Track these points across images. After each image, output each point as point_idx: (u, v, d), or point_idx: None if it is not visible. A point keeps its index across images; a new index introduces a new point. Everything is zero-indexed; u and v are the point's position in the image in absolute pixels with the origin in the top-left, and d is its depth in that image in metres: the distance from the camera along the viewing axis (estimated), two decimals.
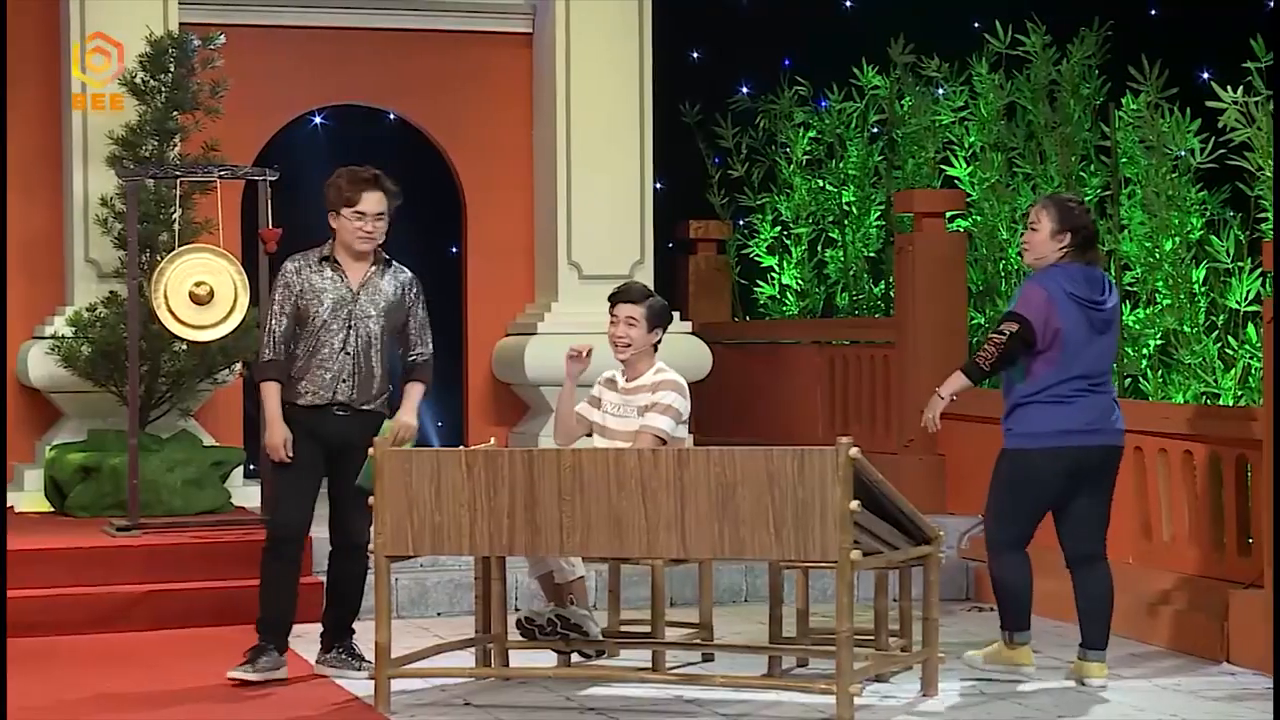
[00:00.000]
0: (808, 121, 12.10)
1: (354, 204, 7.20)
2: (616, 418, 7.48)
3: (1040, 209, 7.13)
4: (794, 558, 6.47)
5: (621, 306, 7.47)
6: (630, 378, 7.52)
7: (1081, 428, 7.03)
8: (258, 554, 7.47)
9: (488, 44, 11.30)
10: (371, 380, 7.24)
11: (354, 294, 7.21)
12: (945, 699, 6.85)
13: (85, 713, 6.74)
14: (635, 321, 7.43)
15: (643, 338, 7.44)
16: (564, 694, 6.93)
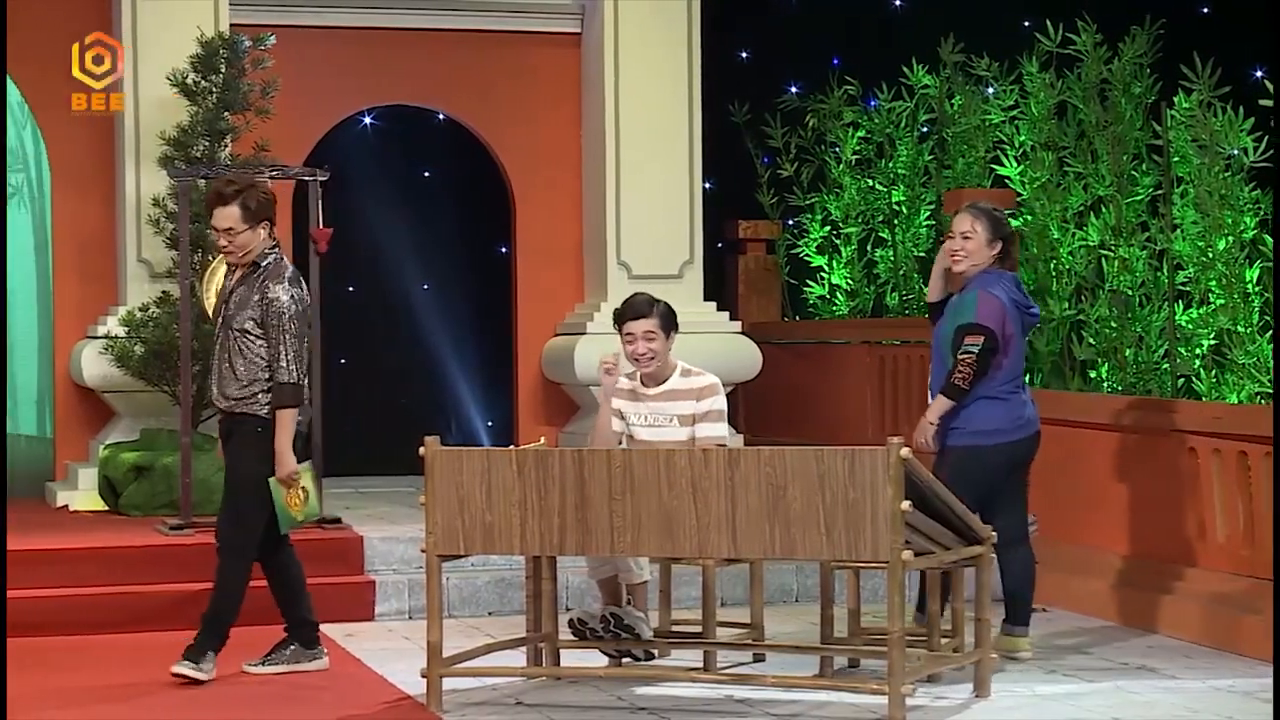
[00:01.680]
0: (857, 121, 12.08)
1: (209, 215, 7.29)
2: (648, 428, 7.40)
3: (973, 218, 7.50)
4: (845, 558, 6.45)
5: (635, 323, 7.37)
6: (654, 384, 7.45)
7: (1020, 423, 7.53)
8: (310, 553, 7.48)
9: (537, 44, 11.32)
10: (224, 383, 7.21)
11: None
12: (998, 700, 6.83)
13: (139, 710, 6.78)
14: (654, 334, 7.37)
15: (663, 346, 7.39)
16: (615, 693, 6.94)
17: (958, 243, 7.50)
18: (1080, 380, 10.50)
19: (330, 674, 7.33)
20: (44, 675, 7.33)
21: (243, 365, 7.16)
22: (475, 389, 12.62)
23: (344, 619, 8.47)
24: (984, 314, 7.33)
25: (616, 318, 7.45)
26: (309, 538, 8.94)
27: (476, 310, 12.47)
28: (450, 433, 12.34)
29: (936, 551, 6.69)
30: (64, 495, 10.22)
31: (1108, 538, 8.91)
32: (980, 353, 7.31)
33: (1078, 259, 10.57)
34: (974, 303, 7.37)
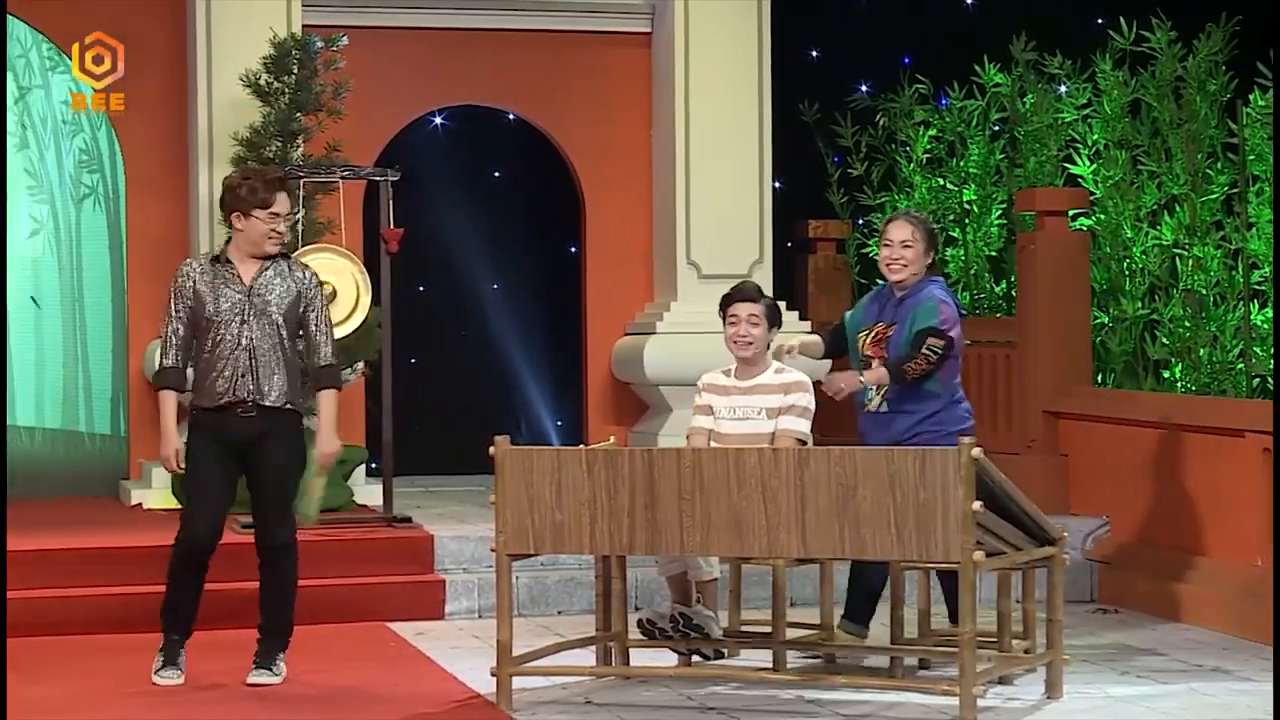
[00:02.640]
0: (928, 120, 12.02)
1: (268, 205, 7.11)
2: (734, 420, 7.42)
3: (913, 227, 7.48)
4: (915, 558, 6.43)
5: (743, 305, 7.43)
6: (746, 377, 7.48)
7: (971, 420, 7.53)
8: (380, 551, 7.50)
9: (607, 44, 11.32)
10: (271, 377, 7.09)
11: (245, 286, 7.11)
12: (1070, 702, 6.78)
13: (215, 708, 6.82)
14: (758, 320, 7.41)
15: (764, 335, 7.43)
16: (685, 693, 6.93)
17: (897, 251, 7.43)
18: (1153, 380, 10.41)
19: (401, 672, 7.36)
20: (115, 672, 7.39)
21: (289, 358, 7.12)
22: (545, 388, 12.64)
23: (414, 618, 8.50)
24: (947, 321, 7.33)
25: (724, 300, 7.49)
26: (380, 535, 8.99)
27: (546, 310, 12.49)
28: (520, 432, 12.36)
29: (1008, 552, 6.65)
30: (138, 494, 10.30)
31: (1181, 539, 8.83)
32: (940, 358, 7.30)
33: (1151, 258, 10.49)
34: (936, 310, 7.34)
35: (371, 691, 7.03)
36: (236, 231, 7.14)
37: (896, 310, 7.46)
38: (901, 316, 7.43)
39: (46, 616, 8.20)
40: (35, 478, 11.05)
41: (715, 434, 7.45)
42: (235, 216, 7.13)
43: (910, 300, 7.44)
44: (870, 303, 7.64)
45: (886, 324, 7.46)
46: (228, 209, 7.16)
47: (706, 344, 8.87)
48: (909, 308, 7.43)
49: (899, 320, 7.43)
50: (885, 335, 7.43)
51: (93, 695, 6.99)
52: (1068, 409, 9.95)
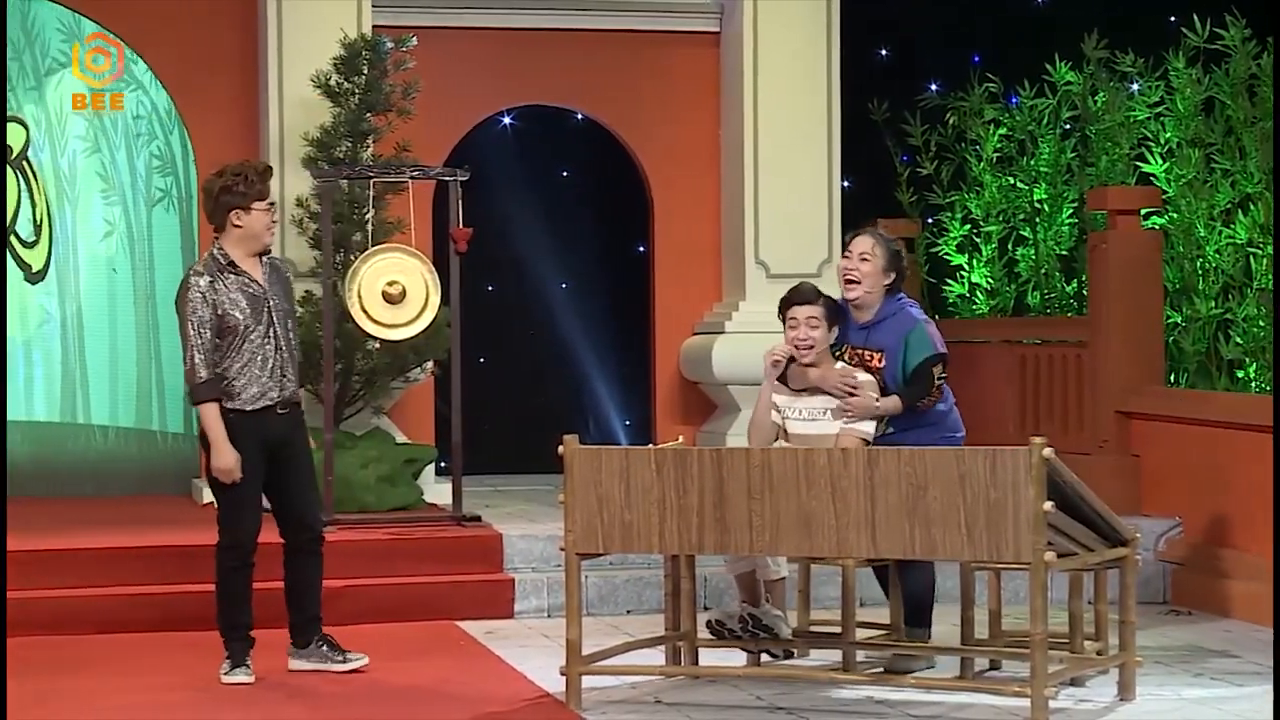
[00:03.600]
0: (998, 118, 11.96)
1: (265, 195, 7.19)
2: (802, 421, 7.39)
3: (874, 241, 7.37)
4: (986, 559, 6.39)
5: (801, 309, 7.36)
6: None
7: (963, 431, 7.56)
8: (449, 550, 7.52)
9: (675, 43, 11.32)
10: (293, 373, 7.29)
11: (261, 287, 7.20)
12: (1143, 704, 6.73)
13: (281, 703, 6.86)
14: (817, 322, 7.35)
15: (824, 337, 7.38)
16: (754, 693, 6.92)
17: (854, 262, 7.32)
18: (1227, 380, 10.32)
19: (471, 671, 7.38)
20: (192, 669, 7.44)
21: (296, 352, 7.33)
22: (613, 388, 12.65)
23: (483, 616, 8.52)
24: (937, 340, 7.34)
25: (782, 304, 7.44)
26: (449, 534, 9.01)
27: (614, 309, 12.50)
28: (588, 431, 12.38)
29: (1079, 553, 6.61)
30: (210, 492, 10.33)
31: (1255, 540, 8.75)
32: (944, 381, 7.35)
33: (1225, 257, 10.40)
34: (926, 336, 7.30)
35: (441, 690, 7.05)
36: (235, 229, 7.17)
37: (869, 335, 7.33)
38: (885, 344, 7.29)
39: (120, 615, 8.26)
40: (109, 476, 11.15)
41: (785, 433, 7.41)
42: (235, 214, 7.16)
43: (887, 325, 7.31)
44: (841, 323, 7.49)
45: (860, 348, 7.35)
46: (225, 209, 7.16)
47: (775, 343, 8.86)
48: (891, 335, 7.29)
49: (885, 349, 7.29)
50: (872, 365, 7.30)
51: (167, 692, 7.04)
52: (1140, 409, 9.88)
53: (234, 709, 6.78)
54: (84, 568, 8.51)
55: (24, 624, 7.98)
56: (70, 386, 11.26)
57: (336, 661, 7.31)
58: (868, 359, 7.34)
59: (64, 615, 8.20)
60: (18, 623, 7.99)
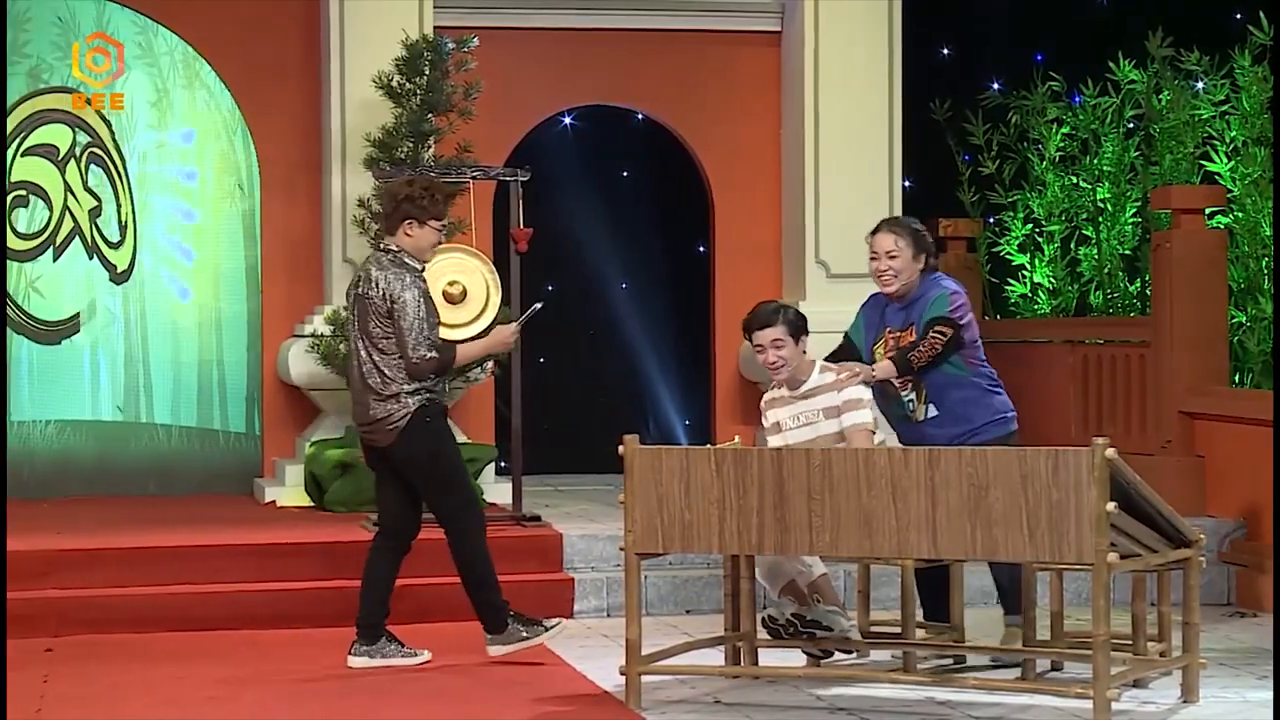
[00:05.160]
0: (1061, 117, 11.89)
1: (442, 217, 7.39)
2: (800, 428, 7.38)
3: (895, 235, 7.37)
4: (1048, 559, 6.35)
5: (762, 333, 7.35)
6: (797, 386, 7.43)
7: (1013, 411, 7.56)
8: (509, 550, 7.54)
9: (736, 43, 11.31)
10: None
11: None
12: (1206, 706, 6.68)
13: (342, 700, 6.89)
14: (781, 342, 7.36)
15: (793, 353, 7.37)
16: (813, 693, 6.90)
17: (883, 263, 7.34)
18: None
19: (530, 669, 7.38)
20: (249, 666, 7.48)
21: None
22: (673, 388, 12.64)
23: (543, 616, 8.52)
24: (958, 310, 7.30)
25: (744, 329, 7.45)
26: (509, 534, 9.03)
27: (675, 309, 12.49)
28: (648, 431, 12.38)
29: (1142, 554, 6.56)
30: (271, 491, 10.42)
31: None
32: (946, 343, 7.26)
33: None
34: (946, 300, 7.31)
35: (501, 689, 7.07)
36: (405, 238, 7.35)
37: (907, 314, 7.38)
38: (916, 319, 7.36)
39: (187, 612, 8.31)
40: (171, 475, 11.23)
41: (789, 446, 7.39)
42: (409, 224, 7.33)
43: (921, 302, 7.37)
44: (870, 311, 7.53)
45: (899, 330, 7.39)
46: (402, 216, 7.34)
47: (835, 344, 8.83)
48: (924, 304, 7.36)
49: (915, 322, 7.36)
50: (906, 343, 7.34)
51: (228, 688, 7.08)
52: (1204, 409, 9.81)
53: (298, 702, 6.81)
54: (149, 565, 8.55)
55: (99, 622, 8.08)
56: (134, 386, 11.34)
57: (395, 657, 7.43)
58: (897, 340, 7.38)
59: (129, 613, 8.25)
60: (89, 621, 8.08)
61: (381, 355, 7.31)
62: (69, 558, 8.49)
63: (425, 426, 7.31)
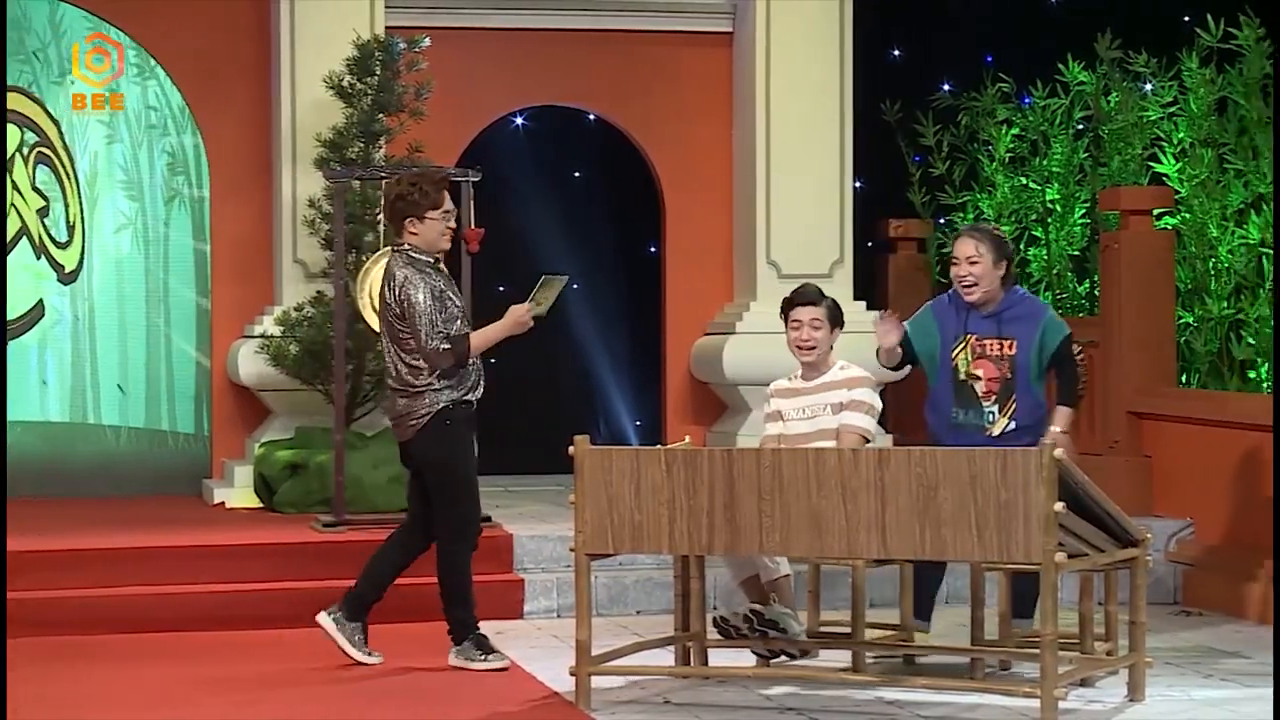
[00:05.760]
0: (1011, 119, 11.94)
1: (440, 204, 7.33)
2: (803, 420, 7.41)
3: (976, 241, 7.41)
4: (996, 559, 6.38)
5: (804, 309, 7.41)
6: (812, 378, 7.46)
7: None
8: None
9: (688, 44, 11.32)
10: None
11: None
12: (1152, 704, 6.72)
13: (290, 703, 6.87)
14: (820, 323, 7.39)
15: (827, 338, 7.41)
16: (762, 693, 6.92)
17: (964, 269, 7.38)
18: (1239, 380, 10.30)
19: (481, 671, 7.36)
20: (199, 668, 7.45)
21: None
22: (624, 388, 12.64)
23: (493, 617, 8.49)
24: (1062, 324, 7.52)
25: (785, 305, 7.47)
26: None
27: (626, 309, 12.49)
28: (599, 432, 12.37)
29: (1090, 554, 6.60)
30: (220, 492, 10.39)
31: (1265, 541, 8.73)
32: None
33: (1237, 257, 10.38)
34: (1061, 325, 7.49)
35: (451, 690, 7.06)
36: (411, 235, 7.36)
37: (998, 325, 7.40)
38: (1018, 333, 7.39)
39: (134, 614, 8.27)
40: (119, 476, 11.18)
41: (786, 439, 7.41)
42: (409, 222, 7.35)
43: (1015, 314, 7.42)
44: (944, 315, 7.52)
45: (989, 338, 7.41)
46: (401, 215, 7.35)
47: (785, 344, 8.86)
48: (1025, 323, 7.40)
49: (1018, 336, 7.39)
50: (1005, 353, 7.39)
51: (176, 691, 7.05)
52: (1151, 410, 9.87)
53: (242, 706, 6.79)
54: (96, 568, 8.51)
55: (48, 624, 8.06)
56: (81, 387, 11.29)
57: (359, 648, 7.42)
58: (997, 348, 7.41)
59: (79, 615, 8.21)
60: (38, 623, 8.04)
61: (406, 354, 7.33)
62: (17, 560, 8.41)
63: (445, 429, 7.31)
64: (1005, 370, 7.38)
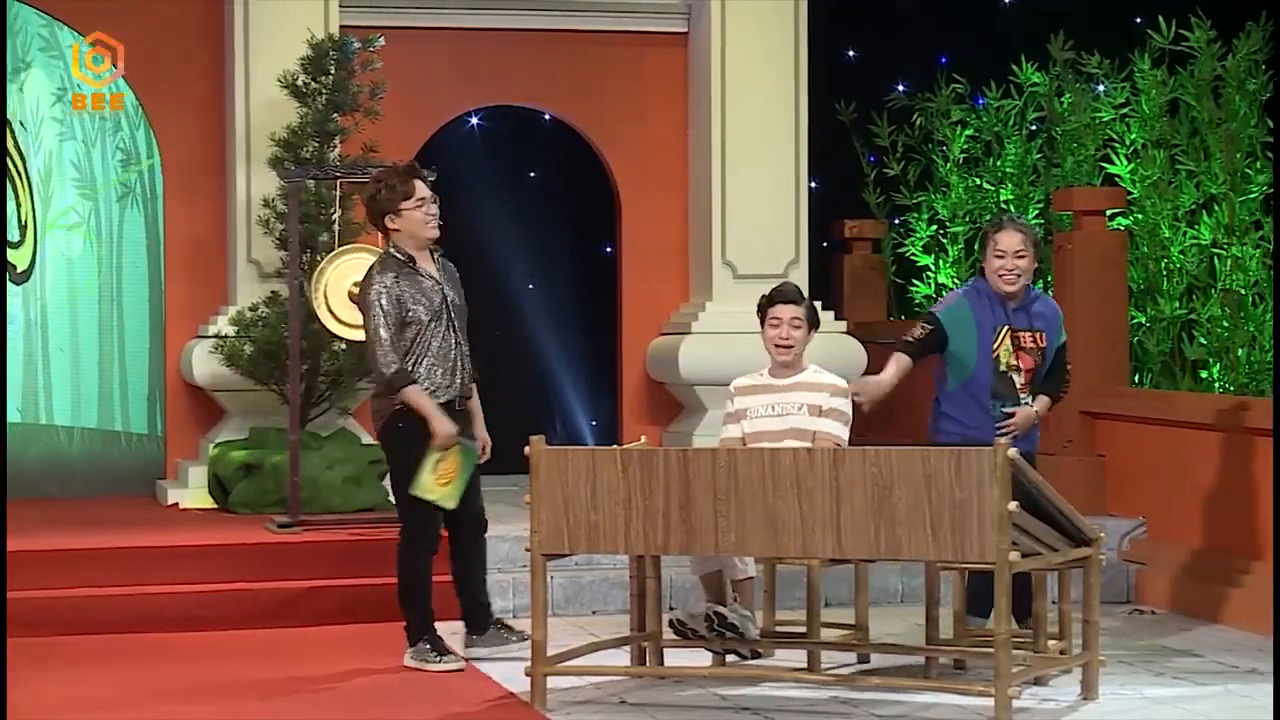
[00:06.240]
0: (965, 119, 12.00)
1: (411, 194, 7.32)
2: (774, 417, 7.40)
3: (1024, 236, 7.47)
4: (951, 559, 6.40)
5: (784, 308, 7.40)
6: (784, 376, 7.46)
7: None
8: None
9: (643, 44, 11.32)
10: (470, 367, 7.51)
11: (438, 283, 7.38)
12: (1105, 703, 6.76)
13: (246, 705, 6.85)
14: (800, 322, 7.40)
15: (804, 339, 7.42)
16: (719, 693, 6.93)
17: (1010, 262, 7.45)
18: (1191, 380, 10.37)
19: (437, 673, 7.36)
20: (153, 671, 7.42)
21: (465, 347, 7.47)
22: (580, 388, 12.65)
23: (450, 617, 8.47)
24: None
25: (764, 302, 7.47)
26: None
27: (582, 310, 12.49)
28: (555, 432, 12.37)
29: (1043, 553, 6.63)
30: (174, 493, 10.34)
31: (1217, 540, 8.79)
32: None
33: (1189, 257, 10.45)
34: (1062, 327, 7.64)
35: (407, 691, 7.05)
36: (394, 232, 7.37)
37: (1029, 317, 7.52)
38: (1045, 326, 7.55)
39: (86, 615, 8.23)
40: (71, 477, 11.12)
41: (752, 435, 7.41)
42: (388, 219, 7.37)
43: (1040, 308, 7.59)
44: (980, 307, 7.51)
45: (1026, 330, 7.51)
46: (379, 215, 7.37)
47: (742, 344, 8.87)
48: (1049, 316, 7.57)
49: (1046, 329, 7.55)
50: (1038, 346, 7.51)
51: (132, 694, 7.02)
52: (1104, 409, 9.92)
53: (194, 707, 6.77)
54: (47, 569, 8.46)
55: None
56: (33, 387, 11.23)
57: (512, 642, 7.46)
58: (1031, 340, 7.53)
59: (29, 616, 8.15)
60: None
61: None
62: None
63: (399, 431, 7.32)
64: (1039, 361, 7.56)
